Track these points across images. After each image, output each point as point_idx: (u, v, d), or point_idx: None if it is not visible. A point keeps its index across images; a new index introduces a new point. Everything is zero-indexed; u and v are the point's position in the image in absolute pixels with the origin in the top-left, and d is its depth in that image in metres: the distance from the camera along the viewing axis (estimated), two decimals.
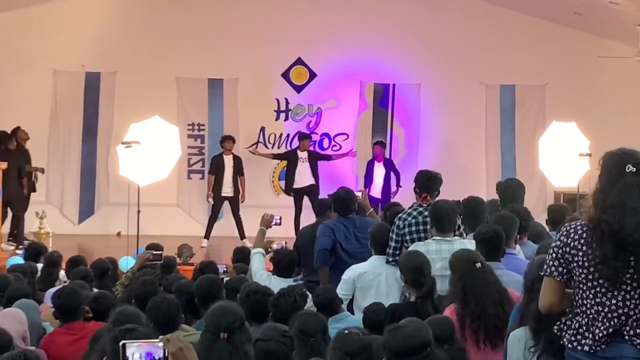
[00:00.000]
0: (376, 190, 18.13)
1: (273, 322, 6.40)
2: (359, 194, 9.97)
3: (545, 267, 4.66)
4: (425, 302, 6.92)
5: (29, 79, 19.03)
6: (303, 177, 18.06)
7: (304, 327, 5.90)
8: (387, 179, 18.33)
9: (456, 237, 7.91)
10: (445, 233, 7.81)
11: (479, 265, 6.09)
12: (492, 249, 7.00)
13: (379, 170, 18.41)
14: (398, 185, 18.23)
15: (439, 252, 7.62)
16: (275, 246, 9.69)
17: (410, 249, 7.79)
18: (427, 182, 8.69)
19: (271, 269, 9.27)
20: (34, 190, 17.32)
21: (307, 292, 7.19)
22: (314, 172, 18.09)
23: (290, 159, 18.31)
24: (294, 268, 8.99)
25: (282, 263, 8.77)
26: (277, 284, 8.07)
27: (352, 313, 7.82)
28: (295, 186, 18.09)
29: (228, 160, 17.82)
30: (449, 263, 6.50)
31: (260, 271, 8.93)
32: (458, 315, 6.04)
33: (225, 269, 10.18)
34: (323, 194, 15.63)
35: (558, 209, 9.91)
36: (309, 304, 7.20)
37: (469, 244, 7.70)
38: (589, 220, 4.50)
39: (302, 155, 18.17)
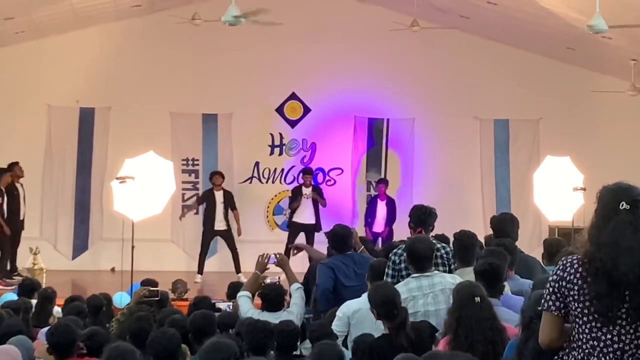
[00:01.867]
0: (378, 226, 18.29)
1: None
2: None
3: (543, 301, 4.63)
4: (398, 333, 6.84)
5: (23, 114, 19.05)
6: (305, 213, 18.08)
7: (320, 356, 5.90)
8: (389, 216, 18.39)
9: (435, 272, 7.77)
10: (423, 272, 7.66)
11: (477, 299, 6.00)
12: (488, 283, 6.80)
13: (382, 209, 18.54)
14: (388, 225, 18.28)
15: (420, 288, 7.50)
16: (268, 281, 9.63)
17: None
18: (422, 217, 8.70)
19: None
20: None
21: (298, 328, 7.14)
22: (316, 209, 18.11)
23: (295, 194, 18.35)
24: (283, 302, 8.90)
25: (269, 297, 8.70)
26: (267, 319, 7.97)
27: (347, 349, 7.78)
28: (294, 219, 18.13)
29: (218, 196, 17.82)
30: (453, 292, 6.46)
31: (250, 310, 8.83)
32: (450, 346, 5.99)
33: (229, 306, 10.06)
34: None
35: (553, 242, 9.86)
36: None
37: (450, 277, 7.66)
38: (584, 255, 4.49)
39: (307, 191, 18.20)
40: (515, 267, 8.34)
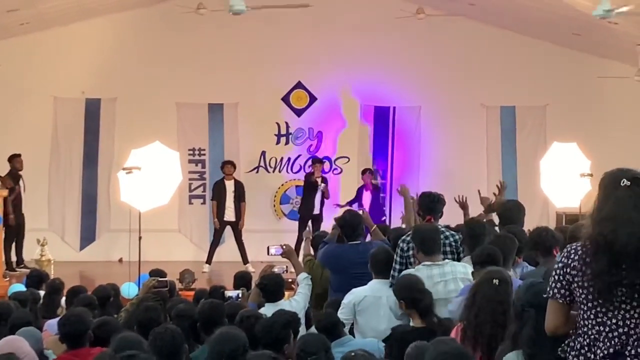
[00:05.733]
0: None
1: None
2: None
3: (548, 289, 4.66)
4: (427, 320, 6.89)
5: (29, 106, 19.07)
6: (315, 204, 18.13)
7: (305, 346, 5.92)
8: (375, 205, 18.34)
9: (447, 261, 7.81)
10: (432, 255, 7.69)
11: (496, 282, 5.92)
12: None
13: (368, 199, 18.49)
14: (378, 215, 18.00)
15: (430, 277, 7.50)
16: (276, 270, 9.63)
17: (401, 275, 7.70)
18: (431, 204, 8.70)
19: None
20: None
21: (298, 317, 7.14)
22: (321, 200, 18.14)
23: (308, 185, 18.36)
24: (282, 291, 8.87)
25: (267, 288, 8.69)
26: (266, 311, 7.91)
27: (354, 336, 7.80)
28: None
29: (229, 185, 17.81)
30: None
31: None
32: (463, 326, 5.99)
33: (239, 294, 10.08)
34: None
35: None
36: (311, 329, 7.19)
37: (461, 266, 7.70)
38: (586, 239, 4.52)
39: (318, 181, 18.20)
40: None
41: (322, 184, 18.09)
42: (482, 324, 5.80)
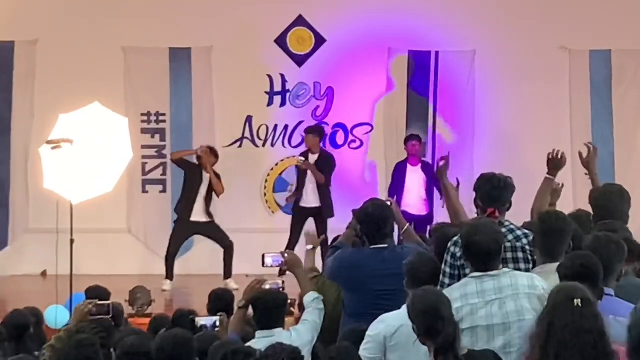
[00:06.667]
0: (410, 204, 17.95)
1: None
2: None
3: None
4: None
5: None
6: (307, 193, 18.03)
7: None
8: (429, 188, 18.31)
9: (505, 270, 7.72)
10: (487, 271, 7.66)
11: (577, 302, 5.97)
12: None
13: (414, 177, 18.52)
14: (428, 202, 18.43)
15: (481, 293, 7.48)
16: (269, 286, 9.59)
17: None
18: (494, 192, 8.65)
19: None
20: None
21: (301, 355, 7.09)
22: (320, 186, 17.93)
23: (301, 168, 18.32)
24: (283, 315, 9.01)
25: (262, 306, 8.78)
26: (257, 344, 7.97)
27: None
28: (301, 204, 18.09)
29: (206, 176, 17.68)
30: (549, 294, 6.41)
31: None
32: None
33: (216, 322, 10.05)
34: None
35: None
36: None
37: (525, 277, 7.62)
38: None
39: (313, 158, 18.13)
40: None
41: (300, 159, 17.91)
42: None
